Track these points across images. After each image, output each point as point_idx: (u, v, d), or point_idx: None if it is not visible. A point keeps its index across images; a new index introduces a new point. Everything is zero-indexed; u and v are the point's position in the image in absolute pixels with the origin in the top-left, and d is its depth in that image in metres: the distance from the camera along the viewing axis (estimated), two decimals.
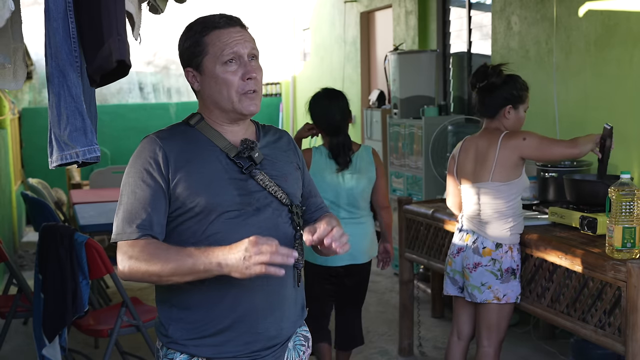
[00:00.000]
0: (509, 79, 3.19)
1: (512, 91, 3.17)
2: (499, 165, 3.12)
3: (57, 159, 2.03)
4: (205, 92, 1.85)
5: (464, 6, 5.68)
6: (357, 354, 4.36)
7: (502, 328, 3.24)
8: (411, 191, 5.55)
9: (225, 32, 1.82)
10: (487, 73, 3.20)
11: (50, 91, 1.99)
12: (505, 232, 3.17)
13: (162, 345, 1.87)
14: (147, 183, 1.78)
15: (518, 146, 3.09)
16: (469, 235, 3.25)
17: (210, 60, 1.81)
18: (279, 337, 1.89)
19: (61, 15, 1.95)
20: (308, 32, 9.23)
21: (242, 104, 1.82)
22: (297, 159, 2.01)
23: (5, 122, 7.37)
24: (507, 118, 3.18)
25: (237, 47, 1.81)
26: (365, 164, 3.58)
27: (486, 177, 3.16)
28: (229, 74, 1.81)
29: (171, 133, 1.85)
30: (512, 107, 3.17)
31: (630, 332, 2.64)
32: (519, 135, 3.11)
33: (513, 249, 3.20)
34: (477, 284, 3.19)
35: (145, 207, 1.77)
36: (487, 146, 3.17)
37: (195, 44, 1.83)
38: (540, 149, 3.09)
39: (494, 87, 3.18)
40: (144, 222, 1.76)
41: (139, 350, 4.20)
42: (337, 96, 3.76)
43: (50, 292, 3.39)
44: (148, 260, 1.71)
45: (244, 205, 1.81)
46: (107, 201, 5.27)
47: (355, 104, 7.72)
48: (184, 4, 2.92)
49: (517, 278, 3.20)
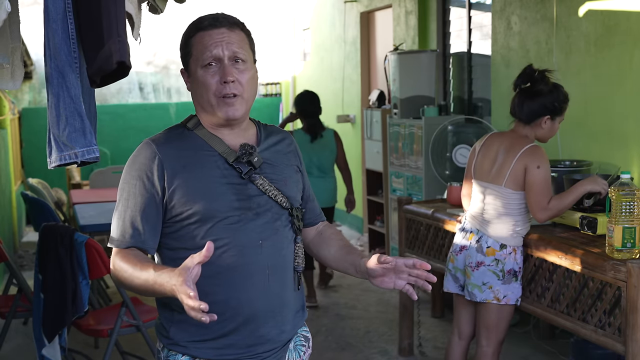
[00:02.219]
0: (554, 89, 3.11)
1: (555, 103, 3.10)
2: (512, 174, 3.11)
3: (56, 160, 2.03)
4: (192, 94, 1.85)
5: (464, 6, 5.68)
6: (357, 353, 4.36)
7: (501, 329, 3.24)
8: (411, 191, 5.55)
9: (208, 34, 1.78)
10: (533, 77, 3.12)
11: (50, 92, 1.99)
12: (510, 233, 3.17)
13: (162, 347, 1.87)
14: (140, 192, 1.78)
15: (529, 168, 3.07)
16: (472, 234, 3.25)
17: (193, 63, 1.80)
18: (281, 339, 1.89)
19: (60, 17, 1.95)
20: (308, 32, 9.23)
21: (220, 109, 1.78)
22: (298, 161, 1.99)
23: (5, 122, 7.37)
24: (542, 127, 3.14)
25: (216, 49, 1.76)
26: (329, 139, 5.42)
27: (500, 180, 3.14)
28: (208, 77, 1.77)
29: (168, 138, 1.83)
30: (550, 117, 3.12)
31: (630, 332, 2.64)
32: (537, 160, 3.07)
33: (517, 251, 3.19)
34: (478, 283, 3.19)
35: (136, 217, 1.77)
36: (508, 150, 3.14)
37: (183, 45, 1.83)
38: (533, 186, 3.07)
39: (538, 94, 3.10)
40: (133, 232, 1.78)
41: (139, 350, 4.20)
42: (312, 95, 5.52)
43: (50, 292, 3.39)
44: (124, 272, 1.73)
45: (243, 210, 1.80)
46: (107, 201, 5.26)
47: (355, 104, 7.72)
48: (184, 4, 2.92)
49: (518, 280, 3.20)
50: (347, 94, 7.97)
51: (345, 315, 5.09)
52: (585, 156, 4.22)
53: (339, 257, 1.95)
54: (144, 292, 1.71)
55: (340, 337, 4.65)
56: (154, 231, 1.80)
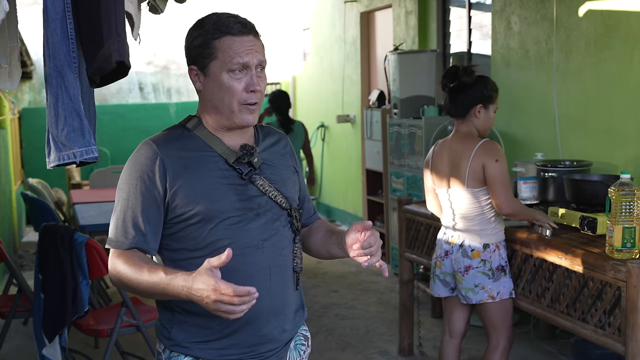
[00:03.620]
0: (480, 79, 3.25)
1: (483, 90, 3.22)
2: (472, 173, 3.18)
3: (55, 160, 2.03)
4: (206, 94, 1.82)
5: (464, 6, 5.68)
6: (357, 353, 4.36)
7: (507, 324, 3.28)
8: (411, 191, 5.55)
9: (238, 40, 1.77)
10: (457, 73, 3.26)
11: (48, 92, 1.99)
12: (489, 231, 3.23)
13: (164, 348, 1.86)
14: (141, 192, 1.77)
15: (487, 164, 3.14)
16: (454, 239, 3.30)
17: (217, 66, 1.78)
18: (282, 339, 1.89)
19: (59, 16, 1.95)
20: (308, 32, 9.22)
21: (242, 115, 1.79)
22: (294, 162, 2.00)
23: (5, 122, 7.37)
24: (477, 117, 3.23)
25: (247, 57, 1.77)
26: (300, 130, 6.20)
27: (462, 182, 3.22)
28: (234, 82, 1.77)
29: (168, 138, 1.82)
30: (482, 106, 3.22)
31: (630, 332, 2.64)
32: (493, 155, 3.15)
33: (500, 246, 3.24)
34: (470, 286, 3.23)
35: (137, 218, 1.76)
36: (461, 152, 3.22)
37: (204, 45, 1.78)
38: (496, 180, 3.13)
39: (465, 86, 3.23)
40: (135, 233, 1.76)
41: (139, 350, 4.20)
42: (286, 94, 6.31)
43: (50, 292, 3.39)
44: (128, 274, 1.72)
45: (244, 210, 1.80)
46: (107, 201, 5.26)
47: (355, 104, 7.72)
48: (184, 4, 2.92)
49: (507, 274, 3.25)
50: (347, 94, 7.97)
51: (345, 315, 5.09)
52: (585, 156, 4.22)
53: (325, 240, 1.95)
54: (148, 295, 1.71)
55: (340, 337, 4.65)
56: (156, 232, 1.79)
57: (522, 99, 4.89)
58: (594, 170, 4.00)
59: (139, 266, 1.70)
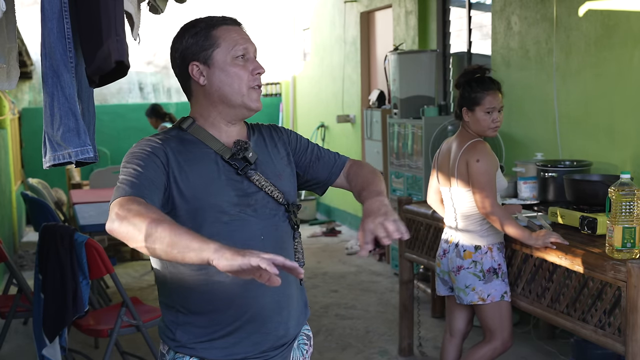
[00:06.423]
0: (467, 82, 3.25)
1: (465, 93, 3.23)
2: (459, 173, 3.20)
3: (50, 159, 2.03)
4: (213, 85, 1.82)
5: (464, 6, 5.68)
6: (357, 353, 4.36)
7: (501, 327, 3.26)
8: (411, 191, 5.55)
9: (234, 30, 1.84)
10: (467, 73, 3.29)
11: (45, 91, 1.99)
12: (483, 233, 3.23)
13: (168, 349, 1.85)
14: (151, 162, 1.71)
15: (470, 163, 3.14)
16: (452, 238, 3.32)
17: (221, 53, 1.81)
18: (287, 336, 1.90)
19: (56, 16, 1.95)
20: (308, 32, 9.22)
21: (251, 97, 1.82)
22: (287, 148, 1.97)
23: (5, 122, 7.37)
24: (466, 120, 3.24)
25: (246, 44, 1.83)
26: None
27: (453, 181, 3.24)
28: (240, 68, 1.81)
29: (166, 137, 1.82)
30: (467, 109, 3.21)
31: (630, 332, 2.64)
32: (476, 155, 3.13)
33: (492, 248, 3.24)
34: (461, 286, 3.25)
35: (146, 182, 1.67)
36: (455, 151, 3.24)
37: (204, 38, 1.81)
38: (475, 180, 3.12)
39: (457, 90, 3.29)
40: (144, 189, 1.65)
41: (139, 350, 4.20)
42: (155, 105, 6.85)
43: (50, 292, 3.39)
44: (140, 213, 1.53)
45: (242, 206, 1.80)
46: (107, 201, 5.25)
47: (355, 104, 7.72)
48: (184, 4, 2.92)
49: (500, 277, 3.24)
50: (347, 94, 7.97)
51: (345, 315, 5.09)
52: (585, 156, 4.22)
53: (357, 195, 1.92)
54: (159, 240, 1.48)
55: (340, 337, 4.65)
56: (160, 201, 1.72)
57: (522, 99, 4.88)
58: (594, 170, 4.00)
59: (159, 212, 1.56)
